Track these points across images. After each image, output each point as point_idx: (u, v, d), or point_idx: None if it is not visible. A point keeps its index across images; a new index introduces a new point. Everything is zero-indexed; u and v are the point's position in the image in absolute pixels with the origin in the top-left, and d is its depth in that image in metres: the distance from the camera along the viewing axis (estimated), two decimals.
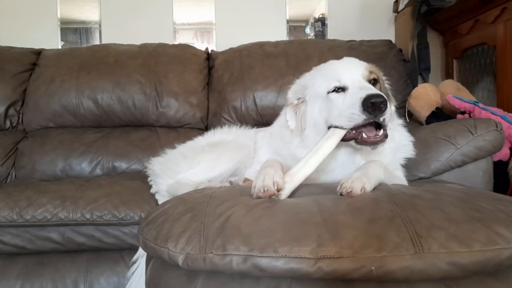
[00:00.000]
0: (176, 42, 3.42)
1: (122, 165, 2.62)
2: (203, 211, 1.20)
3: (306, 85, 1.66)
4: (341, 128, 1.42)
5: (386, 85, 1.70)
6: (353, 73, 1.50)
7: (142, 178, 2.13)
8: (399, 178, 1.62)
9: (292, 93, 1.71)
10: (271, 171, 1.35)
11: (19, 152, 2.67)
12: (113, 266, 1.97)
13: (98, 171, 2.61)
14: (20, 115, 2.84)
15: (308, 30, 3.50)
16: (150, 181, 2.05)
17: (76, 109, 2.75)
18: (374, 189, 1.33)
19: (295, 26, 3.48)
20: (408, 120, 2.60)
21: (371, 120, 1.36)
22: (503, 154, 2.09)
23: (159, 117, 2.80)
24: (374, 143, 1.39)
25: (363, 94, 1.35)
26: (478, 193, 1.31)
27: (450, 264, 0.96)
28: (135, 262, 1.79)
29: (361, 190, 1.25)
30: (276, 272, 0.99)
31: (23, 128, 2.85)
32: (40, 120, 2.80)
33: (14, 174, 2.63)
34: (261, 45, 2.98)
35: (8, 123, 2.82)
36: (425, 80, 3.04)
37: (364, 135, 1.39)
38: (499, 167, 2.03)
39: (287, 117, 1.69)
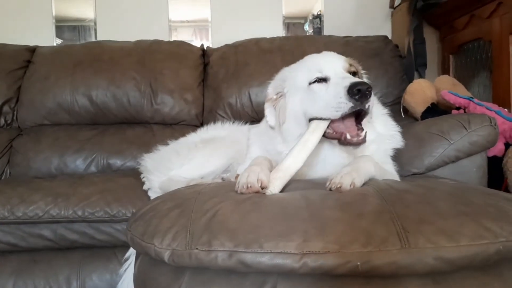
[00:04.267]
0: (172, 40, 3.40)
1: (117, 162, 2.61)
2: (190, 207, 1.19)
3: (285, 78, 1.67)
4: (327, 119, 1.43)
5: (365, 79, 1.68)
6: (335, 65, 1.52)
7: (135, 175, 2.12)
8: (390, 173, 1.61)
9: (272, 88, 1.72)
10: (257, 169, 1.35)
11: (13, 150, 2.66)
12: (106, 263, 1.96)
13: (92, 168, 2.60)
14: (15, 113, 2.83)
15: (307, 27, 3.48)
16: (143, 177, 2.04)
17: (70, 106, 2.74)
18: (364, 184, 1.32)
19: (294, 23, 3.46)
20: (403, 116, 2.59)
21: (358, 108, 1.36)
22: (498, 149, 2.08)
23: (154, 114, 2.79)
24: (357, 144, 1.41)
25: (347, 83, 1.36)
26: (469, 187, 1.31)
27: (437, 259, 0.95)
28: (127, 259, 1.78)
29: (350, 186, 1.24)
30: (261, 268, 0.98)
31: (17, 125, 2.83)
32: (34, 117, 2.78)
33: (8, 171, 2.61)
34: (256, 41, 2.97)
35: (2, 121, 2.80)
36: (421, 76, 3.03)
37: (348, 136, 1.40)
38: (493, 162, 2.02)
39: (266, 113, 1.71)
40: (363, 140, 1.40)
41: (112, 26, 3.38)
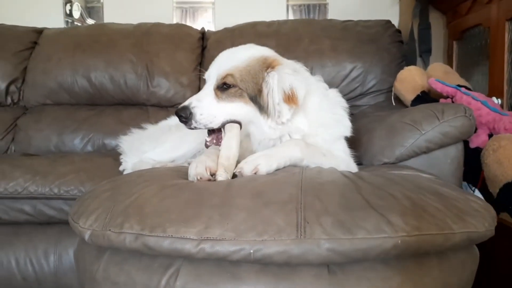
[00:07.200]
0: (179, 22, 3.43)
1: (112, 142, 2.69)
2: (121, 189, 1.24)
3: None
4: None
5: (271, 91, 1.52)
6: (213, 72, 1.58)
7: (116, 156, 2.18)
8: (342, 158, 1.59)
9: None
10: (204, 158, 1.39)
11: (17, 128, 2.79)
12: None
13: (89, 147, 2.70)
14: (21, 92, 2.95)
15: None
16: (121, 159, 2.10)
17: (71, 87, 2.84)
18: (303, 171, 1.31)
19: (319, 4, 3.41)
20: (394, 104, 2.53)
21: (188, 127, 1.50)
22: (481, 141, 2.00)
23: (150, 96, 2.85)
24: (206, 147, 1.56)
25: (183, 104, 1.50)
26: (404, 180, 1.26)
27: (330, 251, 0.96)
28: None
29: (252, 171, 1.28)
30: (162, 251, 1.02)
31: (23, 105, 2.96)
32: (38, 97, 2.90)
33: (13, 148, 2.76)
34: (253, 25, 2.96)
35: (9, 99, 2.93)
36: (425, 63, 2.94)
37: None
38: (475, 154, 1.96)
39: None
40: (206, 145, 1.55)
41: (119, 8, 3.44)
